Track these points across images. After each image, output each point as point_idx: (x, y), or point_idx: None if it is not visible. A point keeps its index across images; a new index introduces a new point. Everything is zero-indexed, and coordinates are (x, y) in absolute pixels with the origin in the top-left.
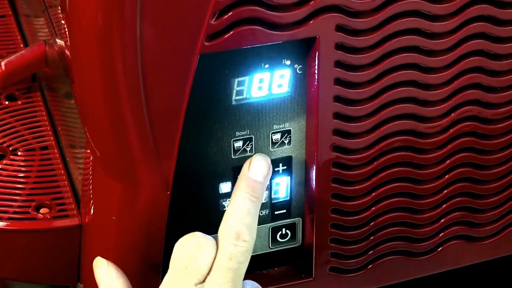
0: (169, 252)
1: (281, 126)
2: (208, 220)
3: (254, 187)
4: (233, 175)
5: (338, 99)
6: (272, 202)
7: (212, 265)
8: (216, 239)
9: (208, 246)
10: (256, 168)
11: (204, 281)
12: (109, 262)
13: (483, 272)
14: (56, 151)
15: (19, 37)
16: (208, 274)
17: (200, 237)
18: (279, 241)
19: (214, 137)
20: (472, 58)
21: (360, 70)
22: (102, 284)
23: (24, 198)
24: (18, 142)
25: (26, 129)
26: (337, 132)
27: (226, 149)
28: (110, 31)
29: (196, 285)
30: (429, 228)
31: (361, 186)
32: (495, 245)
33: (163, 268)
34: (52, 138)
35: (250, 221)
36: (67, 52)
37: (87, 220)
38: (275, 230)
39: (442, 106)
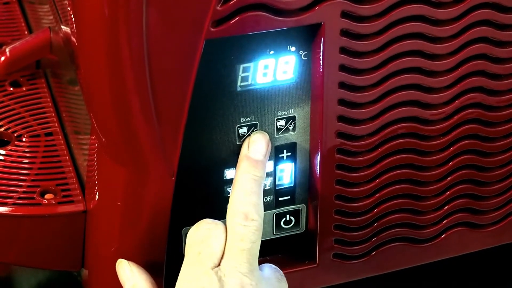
0: (174, 238)
1: (285, 112)
2: (213, 205)
3: (256, 166)
4: (237, 161)
5: (343, 85)
6: (276, 188)
7: (224, 248)
8: (225, 223)
9: (218, 230)
10: (256, 146)
11: (219, 264)
12: (130, 262)
13: (487, 259)
14: (60, 137)
15: (23, 24)
16: (222, 257)
17: (209, 222)
18: (283, 228)
19: (219, 123)
20: (476, 45)
21: (365, 57)
22: (127, 283)
23: (29, 183)
24: (23, 128)
25: (31, 115)
26: (341, 118)
27: (231, 135)
28: (116, 17)
29: (212, 268)
30: (432, 215)
31: (365, 172)
32: (499, 232)
33: (168, 253)
34: (56, 124)
35: (256, 200)
36: (73, 38)
37: (92, 206)
38: (279, 217)
39: (446, 93)
